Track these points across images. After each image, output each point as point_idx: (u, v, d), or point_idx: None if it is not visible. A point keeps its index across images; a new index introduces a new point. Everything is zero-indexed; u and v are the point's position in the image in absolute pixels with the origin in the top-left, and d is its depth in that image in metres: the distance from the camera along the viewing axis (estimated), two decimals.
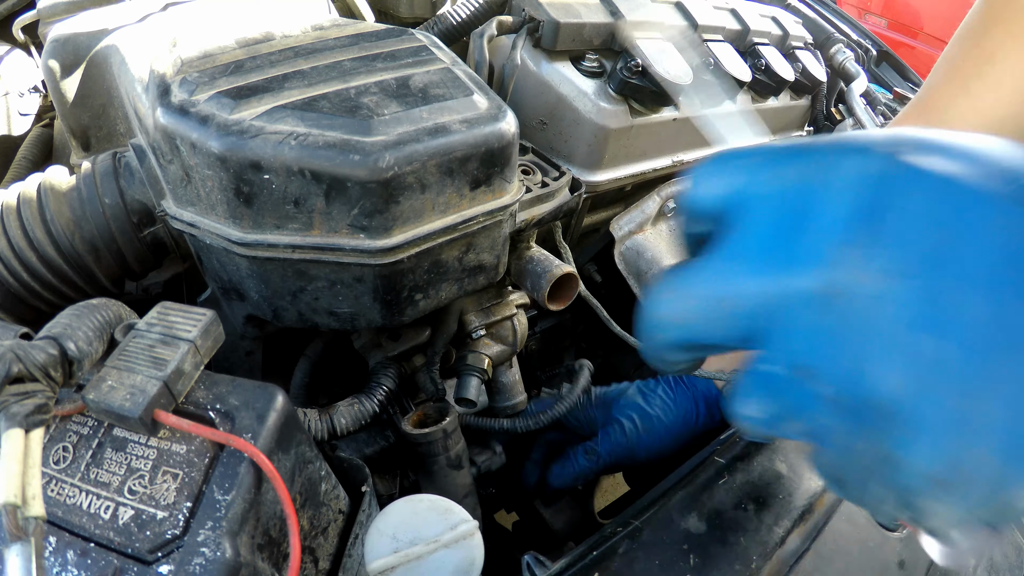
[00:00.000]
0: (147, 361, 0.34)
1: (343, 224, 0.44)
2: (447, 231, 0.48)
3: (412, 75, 0.48)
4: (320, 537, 0.43)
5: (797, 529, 0.47)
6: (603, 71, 0.74)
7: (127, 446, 0.35)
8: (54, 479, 0.35)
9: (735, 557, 0.44)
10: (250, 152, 0.41)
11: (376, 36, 0.53)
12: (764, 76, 0.91)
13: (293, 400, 0.58)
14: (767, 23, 0.99)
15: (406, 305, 0.51)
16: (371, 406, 0.59)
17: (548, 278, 0.58)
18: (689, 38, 0.81)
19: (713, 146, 0.92)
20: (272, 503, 0.36)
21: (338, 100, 0.44)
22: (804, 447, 0.31)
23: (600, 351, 1.10)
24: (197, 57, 0.47)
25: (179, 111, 0.42)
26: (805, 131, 1.14)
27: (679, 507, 0.47)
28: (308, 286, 0.48)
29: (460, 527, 0.46)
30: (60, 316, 0.35)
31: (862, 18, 4.03)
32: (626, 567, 0.43)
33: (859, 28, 1.39)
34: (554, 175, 0.62)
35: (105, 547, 0.33)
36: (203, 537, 0.32)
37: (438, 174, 0.45)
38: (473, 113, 0.47)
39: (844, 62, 1.14)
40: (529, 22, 0.70)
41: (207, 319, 0.36)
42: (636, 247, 0.86)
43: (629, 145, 0.77)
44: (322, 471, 0.43)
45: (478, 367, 0.63)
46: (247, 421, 0.36)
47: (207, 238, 0.46)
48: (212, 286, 0.54)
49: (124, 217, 0.52)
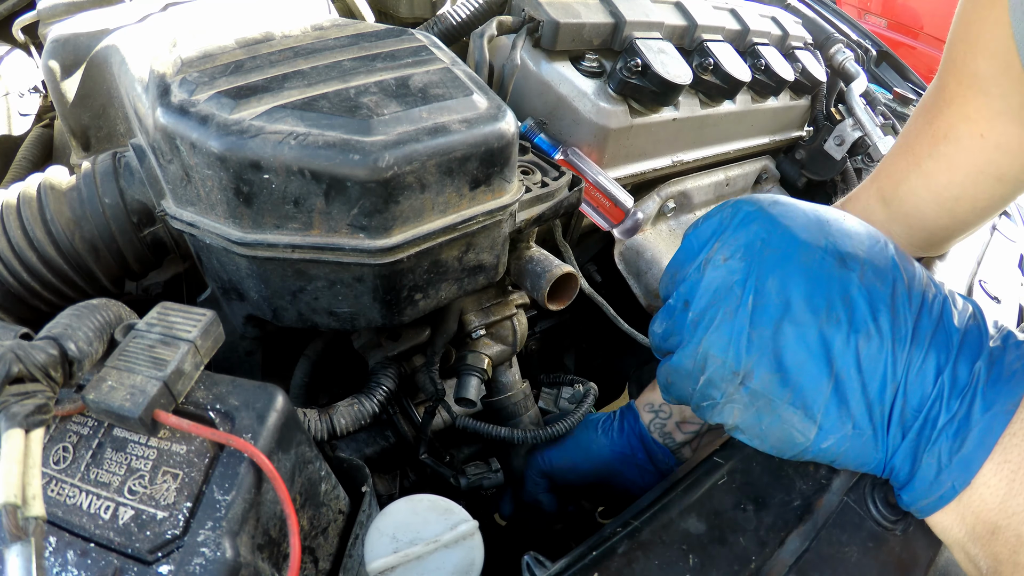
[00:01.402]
0: (147, 361, 0.34)
1: (343, 224, 0.44)
2: (447, 231, 0.48)
3: (412, 75, 0.48)
4: (320, 537, 0.43)
5: (797, 529, 0.47)
6: (603, 71, 0.74)
7: (127, 446, 0.35)
8: (54, 479, 0.35)
9: (735, 557, 0.44)
10: (250, 152, 0.41)
11: (376, 36, 0.53)
12: (764, 76, 0.91)
13: (293, 400, 0.58)
14: (767, 23, 0.99)
15: (406, 305, 0.51)
16: (371, 406, 0.59)
17: (548, 278, 0.58)
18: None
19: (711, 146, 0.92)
20: (272, 503, 0.36)
21: (338, 100, 0.44)
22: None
23: (600, 351, 1.10)
24: (197, 57, 0.47)
25: (179, 111, 0.42)
26: (805, 131, 1.14)
27: (679, 507, 0.47)
28: (308, 286, 0.48)
29: (460, 527, 0.46)
30: (60, 316, 0.35)
31: (862, 18, 4.03)
32: (626, 567, 0.43)
33: (859, 28, 1.39)
34: (554, 175, 0.62)
35: (105, 547, 0.33)
36: (203, 537, 0.32)
37: (438, 174, 0.45)
38: (473, 113, 0.47)
39: (844, 62, 1.14)
40: (529, 22, 0.70)
41: (207, 319, 0.36)
42: (636, 247, 0.86)
43: (629, 145, 0.77)
44: (322, 471, 0.43)
45: (478, 367, 0.63)
46: (247, 421, 0.36)
47: (207, 238, 0.46)
48: (212, 286, 0.54)
49: (124, 217, 0.52)
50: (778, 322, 0.42)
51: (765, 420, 0.44)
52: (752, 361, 0.43)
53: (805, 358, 0.42)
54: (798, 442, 0.43)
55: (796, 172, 1.16)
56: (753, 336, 0.43)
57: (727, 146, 0.95)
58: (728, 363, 0.43)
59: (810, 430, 0.42)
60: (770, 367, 0.42)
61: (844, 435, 0.42)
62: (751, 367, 0.43)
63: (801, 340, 0.42)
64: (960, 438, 0.40)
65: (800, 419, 0.42)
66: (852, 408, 0.42)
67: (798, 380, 0.42)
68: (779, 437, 0.44)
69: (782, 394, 0.42)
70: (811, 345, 0.42)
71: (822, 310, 0.42)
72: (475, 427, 0.64)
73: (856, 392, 0.41)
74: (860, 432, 0.42)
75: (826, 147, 1.13)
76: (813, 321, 0.42)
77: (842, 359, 0.41)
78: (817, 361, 0.42)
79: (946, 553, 0.51)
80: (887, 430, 0.42)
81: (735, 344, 0.43)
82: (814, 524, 0.48)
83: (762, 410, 0.43)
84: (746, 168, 1.04)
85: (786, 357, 0.42)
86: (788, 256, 0.43)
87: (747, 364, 0.43)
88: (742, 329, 0.43)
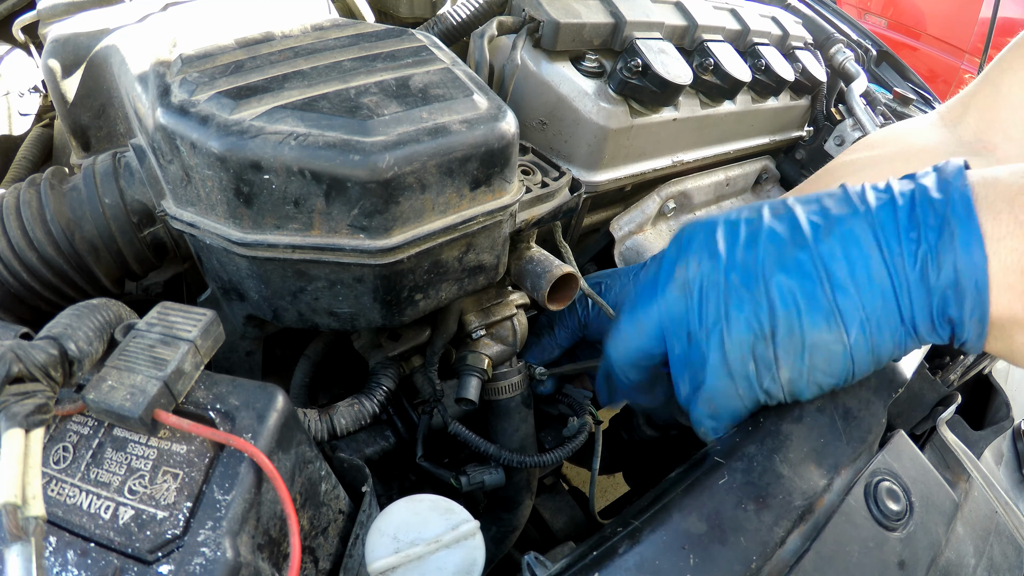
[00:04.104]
0: (147, 361, 0.34)
1: (343, 224, 0.44)
2: (447, 231, 0.48)
3: (412, 75, 0.48)
4: (320, 537, 0.43)
5: (797, 529, 0.47)
6: (603, 71, 0.74)
7: (127, 446, 0.35)
8: (54, 479, 0.35)
9: (735, 557, 0.44)
10: (250, 152, 0.41)
11: (376, 36, 0.53)
12: (764, 76, 0.91)
13: (293, 400, 0.58)
14: (767, 23, 0.99)
15: (406, 305, 0.51)
16: (371, 406, 0.59)
17: (548, 278, 0.58)
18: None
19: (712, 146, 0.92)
20: (272, 503, 0.36)
21: (338, 100, 0.44)
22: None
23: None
24: (197, 57, 0.47)
25: (179, 111, 0.42)
26: (805, 131, 1.14)
27: (679, 507, 0.47)
28: (308, 286, 0.48)
29: (461, 527, 0.46)
30: (60, 316, 0.35)
31: (862, 18, 4.03)
32: (626, 567, 0.43)
33: (859, 28, 1.39)
34: (554, 175, 0.62)
35: (105, 547, 0.33)
36: (203, 537, 0.32)
37: (438, 174, 0.45)
38: (473, 113, 0.47)
39: (844, 62, 1.14)
40: (529, 22, 0.70)
41: (207, 319, 0.37)
42: (636, 247, 0.86)
43: (629, 145, 0.77)
44: (322, 471, 0.43)
45: (478, 367, 0.63)
46: (247, 421, 0.36)
47: (207, 238, 0.46)
48: (212, 286, 0.54)
49: (124, 217, 0.52)
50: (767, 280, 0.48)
51: (807, 356, 0.48)
52: (769, 318, 0.47)
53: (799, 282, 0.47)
54: (841, 353, 0.47)
55: (796, 172, 1.16)
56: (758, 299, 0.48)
57: (727, 146, 0.95)
58: (756, 331, 0.48)
59: (840, 336, 0.46)
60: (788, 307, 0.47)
61: (863, 318, 0.46)
62: (769, 324, 0.47)
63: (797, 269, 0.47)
64: (947, 231, 0.43)
65: (828, 332, 0.47)
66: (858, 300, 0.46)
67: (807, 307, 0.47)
68: (826, 360, 0.47)
69: (802, 323, 0.47)
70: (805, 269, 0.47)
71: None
72: (465, 436, 0.64)
73: (850, 288, 0.46)
74: (873, 311, 0.45)
75: (826, 147, 1.13)
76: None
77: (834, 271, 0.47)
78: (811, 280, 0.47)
79: (946, 553, 0.51)
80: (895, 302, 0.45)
81: (751, 316, 0.48)
82: (814, 524, 0.48)
83: (798, 350, 0.48)
84: (746, 168, 1.04)
85: (775, 298, 0.48)
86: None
87: (767, 323, 0.47)
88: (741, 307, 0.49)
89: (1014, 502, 0.63)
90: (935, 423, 0.65)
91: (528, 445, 0.69)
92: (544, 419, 0.75)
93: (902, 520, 0.49)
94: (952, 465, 0.62)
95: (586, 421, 0.70)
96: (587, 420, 0.70)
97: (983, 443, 0.72)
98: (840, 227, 0.47)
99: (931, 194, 0.44)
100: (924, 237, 0.43)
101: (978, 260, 0.41)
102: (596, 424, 0.72)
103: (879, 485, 0.50)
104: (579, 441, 0.68)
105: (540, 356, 0.71)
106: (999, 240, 0.41)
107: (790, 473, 0.50)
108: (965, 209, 0.42)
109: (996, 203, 0.42)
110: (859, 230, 0.46)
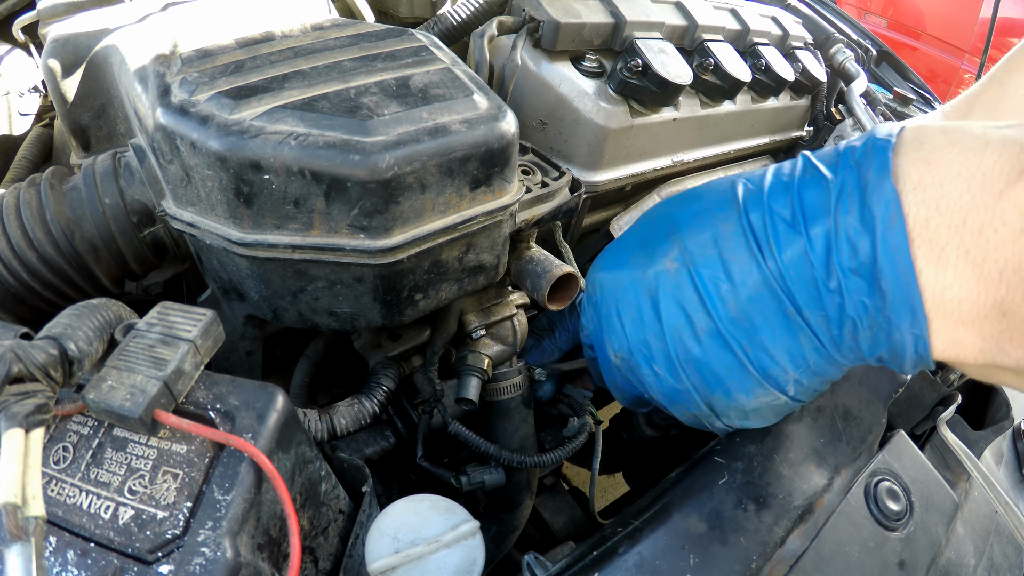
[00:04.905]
0: (147, 361, 0.34)
1: (343, 224, 0.44)
2: (447, 231, 0.48)
3: (412, 75, 0.48)
4: (320, 537, 0.43)
5: (797, 529, 0.47)
6: (603, 71, 0.74)
7: (127, 446, 0.35)
8: (54, 479, 0.35)
9: (735, 557, 0.44)
10: (250, 152, 0.41)
11: (376, 36, 0.53)
12: (764, 76, 0.91)
13: (293, 400, 0.58)
14: (767, 23, 0.99)
15: (406, 305, 0.51)
16: (371, 406, 0.59)
17: (548, 278, 0.58)
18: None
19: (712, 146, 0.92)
20: (272, 503, 0.36)
21: (338, 100, 0.44)
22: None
23: None
24: (197, 57, 0.47)
25: (179, 111, 0.42)
26: (805, 131, 1.14)
27: (679, 507, 0.47)
28: (308, 286, 0.48)
29: (461, 527, 0.46)
30: (60, 316, 0.35)
31: (862, 18, 4.03)
32: (626, 567, 0.43)
33: (859, 28, 1.39)
34: (554, 175, 0.62)
35: (105, 547, 0.32)
36: (203, 537, 0.32)
37: (438, 174, 0.45)
38: (473, 113, 0.47)
39: (844, 62, 1.14)
40: (529, 22, 0.70)
41: (207, 319, 0.36)
42: None
43: (629, 145, 0.77)
44: (322, 471, 0.43)
45: (478, 367, 0.63)
46: (247, 421, 0.36)
47: (207, 238, 0.46)
48: (212, 286, 0.54)
49: (124, 217, 0.52)
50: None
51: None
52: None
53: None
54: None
55: None
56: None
57: (727, 146, 0.95)
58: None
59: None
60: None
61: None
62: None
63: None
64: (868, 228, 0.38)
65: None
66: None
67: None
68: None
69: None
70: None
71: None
72: (465, 436, 0.64)
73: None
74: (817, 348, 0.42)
75: (826, 147, 1.13)
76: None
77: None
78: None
79: (946, 553, 0.51)
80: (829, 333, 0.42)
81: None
82: (814, 524, 0.48)
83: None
84: (746, 168, 1.04)
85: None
86: None
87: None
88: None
89: (1014, 502, 0.63)
90: (935, 423, 0.65)
91: (528, 445, 0.69)
92: (544, 419, 0.75)
93: (902, 520, 0.49)
94: (952, 465, 0.62)
95: (586, 421, 0.70)
96: (587, 420, 0.70)
97: (983, 443, 0.72)
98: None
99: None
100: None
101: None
102: (596, 424, 0.72)
103: (879, 485, 0.50)
104: (579, 441, 0.68)
105: (540, 359, 0.71)
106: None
107: (790, 473, 0.51)
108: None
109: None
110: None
